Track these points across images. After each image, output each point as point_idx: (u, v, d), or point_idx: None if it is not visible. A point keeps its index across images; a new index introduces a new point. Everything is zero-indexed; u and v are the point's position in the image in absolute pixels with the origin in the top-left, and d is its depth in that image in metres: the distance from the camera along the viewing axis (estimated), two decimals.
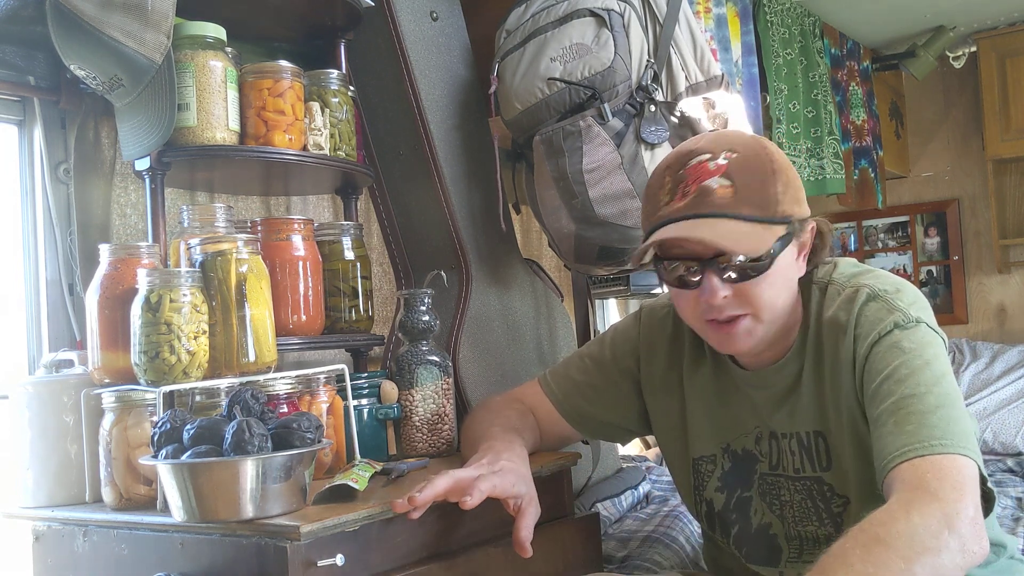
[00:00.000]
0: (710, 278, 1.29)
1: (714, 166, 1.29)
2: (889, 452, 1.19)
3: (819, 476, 1.38)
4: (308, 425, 1.26)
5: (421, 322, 1.75)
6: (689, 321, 1.40)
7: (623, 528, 2.10)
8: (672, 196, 1.30)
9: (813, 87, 3.29)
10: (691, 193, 1.28)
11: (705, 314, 1.33)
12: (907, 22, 3.59)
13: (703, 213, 1.27)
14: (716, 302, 1.29)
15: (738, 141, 1.33)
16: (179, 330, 1.37)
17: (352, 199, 1.94)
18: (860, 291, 1.34)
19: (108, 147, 1.80)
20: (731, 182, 1.27)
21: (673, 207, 1.29)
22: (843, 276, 1.39)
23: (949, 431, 1.17)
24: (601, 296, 2.97)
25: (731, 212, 1.26)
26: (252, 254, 1.46)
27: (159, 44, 1.47)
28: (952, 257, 4.18)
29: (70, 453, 1.49)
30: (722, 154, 1.30)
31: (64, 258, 1.77)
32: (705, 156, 1.30)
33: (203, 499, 1.21)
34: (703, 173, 1.29)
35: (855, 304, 1.33)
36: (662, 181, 1.34)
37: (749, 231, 1.27)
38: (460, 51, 2.15)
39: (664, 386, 1.54)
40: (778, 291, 1.32)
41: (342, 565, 1.23)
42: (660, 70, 1.92)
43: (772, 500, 1.43)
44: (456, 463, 1.70)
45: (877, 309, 1.31)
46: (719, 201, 1.27)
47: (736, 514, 1.47)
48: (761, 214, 1.28)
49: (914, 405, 1.21)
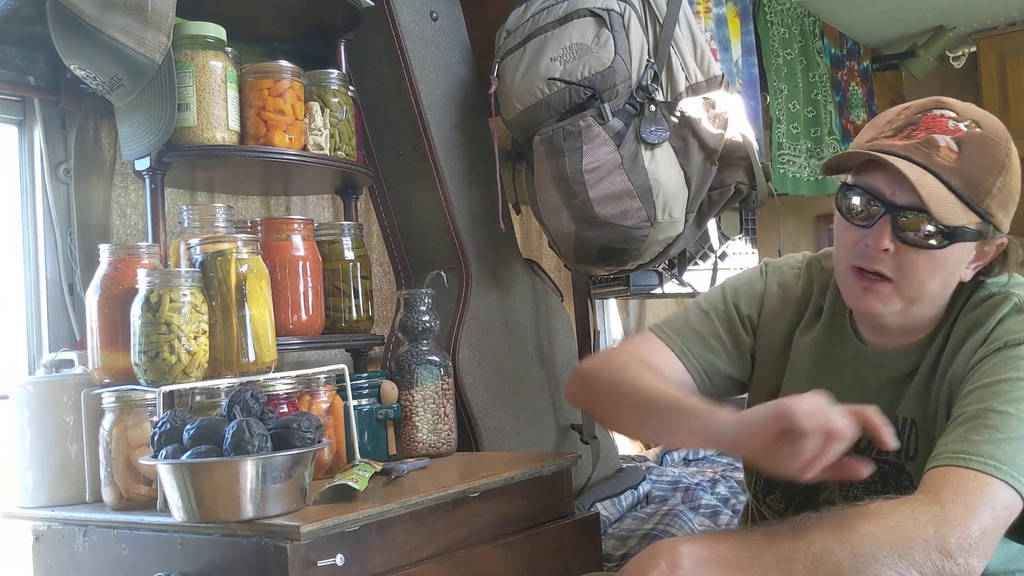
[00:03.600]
0: (884, 225, 1.22)
1: (953, 127, 1.23)
2: (948, 450, 1.15)
3: (902, 463, 1.33)
4: (308, 425, 1.26)
5: (421, 322, 1.75)
6: (838, 260, 1.32)
7: (623, 527, 2.10)
8: (897, 132, 1.25)
9: (813, 87, 3.29)
10: (917, 137, 1.23)
11: (858, 258, 1.26)
12: (907, 22, 3.59)
13: (918, 160, 1.21)
14: (877, 249, 1.23)
15: (988, 121, 1.27)
16: (179, 330, 1.37)
17: (352, 199, 1.94)
18: (1009, 299, 1.28)
19: (108, 147, 1.80)
20: (959, 149, 1.22)
21: (894, 141, 1.24)
22: (998, 283, 1.31)
23: (1013, 461, 1.12)
24: (601, 296, 2.97)
25: (944, 175, 1.20)
26: (252, 254, 1.46)
27: (159, 44, 1.47)
28: None
29: (70, 453, 1.49)
30: (967, 121, 1.24)
31: (64, 258, 1.77)
32: (951, 113, 1.25)
33: (203, 499, 1.21)
34: (938, 127, 1.23)
35: (999, 310, 1.27)
36: (895, 115, 1.28)
37: (951, 200, 1.20)
38: (460, 51, 2.15)
39: (774, 346, 1.46)
40: (934, 276, 1.25)
41: (342, 565, 1.23)
42: (660, 70, 1.92)
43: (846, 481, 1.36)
44: (456, 463, 1.70)
45: (1019, 321, 1.25)
46: (938, 159, 1.21)
47: (803, 485, 1.41)
48: (968, 194, 1.21)
49: (994, 420, 1.15)
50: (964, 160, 1.21)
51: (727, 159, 1.97)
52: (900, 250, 1.23)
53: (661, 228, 1.93)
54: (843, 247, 1.29)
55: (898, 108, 1.29)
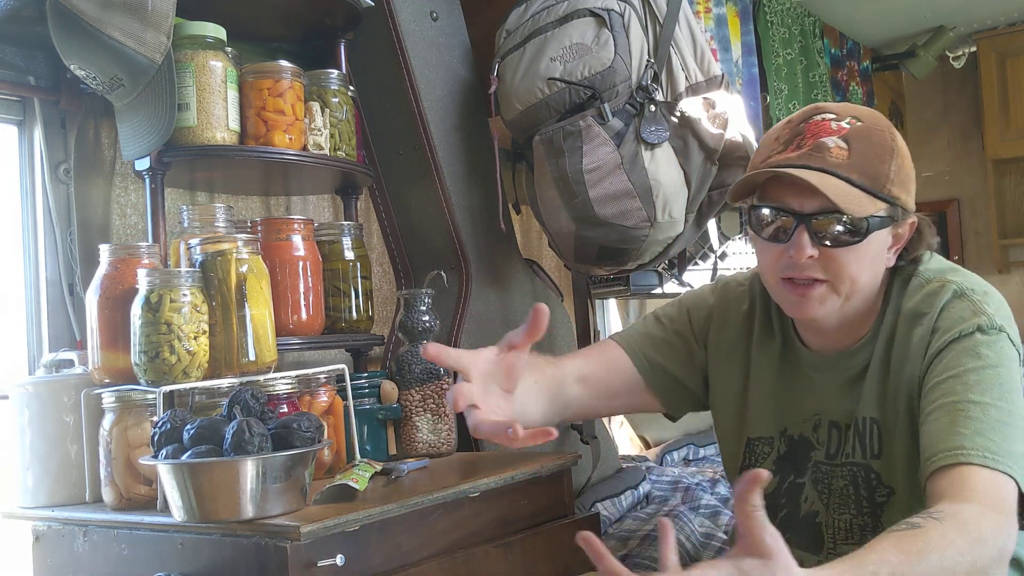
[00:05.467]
0: (801, 234, 1.27)
1: (836, 127, 1.28)
2: (942, 449, 1.17)
3: (868, 464, 1.35)
4: (308, 425, 1.26)
5: (421, 322, 1.75)
6: (767, 277, 1.36)
7: (623, 528, 2.10)
8: (786, 146, 1.29)
9: (813, 87, 3.29)
10: (806, 146, 1.27)
11: (785, 270, 1.30)
12: (907, 22, 3.59)
13: (814, 166, 1.25)
14: (801, 259, 1.27)
15: (866, 114, 1.32)
16: (179, 330, 1.37)
17: (352, 199, 1.94)
18: (947, 286, 1.32)
19: (108, 147, 1.80)
20: (848, 146, 1.26)
21: (785, 155, 1.28)
22: (930, 270, 1.36)
23: (1005, 449, 1.16)
24: (601, 296, 2.97)
25: (841, 173, 1.25)
26: (252, 254, 1.46)
27: (159, 44, 1.47)
28: (952, 257, 4.18)
29: (70, 453, 1.49)
30: (847, 118, 1.29)
31: (64, 258, 1.77)
32: (830, 115, 1.30)
33: (203, 499, 1.21)
34: (823, 130, 1.28)
35: (940, 298, 1.31)
36: (780, 132, 1.32)
37: (855, 195, 1.25)
38: (460, 51, 2.15)
39: (730, 360, 1.50)
40: (862, 267, 1.29)
41: (342, 565, 1.23)
42: (660, 70, 1.92)
43: (823, 488, 1.40)
44: (456, 463, 1.70)
45: (962, 308, 1.29)
46: (832, 159, 1.25)
47: (786, 499, 1.43)
48: (869, 184, 1.26)
49: (975, 411, 1.19)
50: (855, 154, 1.26)
51: (727, 159, 1.97)
52: (823, 253, 1.27)
53: (661, 228, 1.93)
54: (768, 264, 1.34)
55: (781, 124, 1.34)
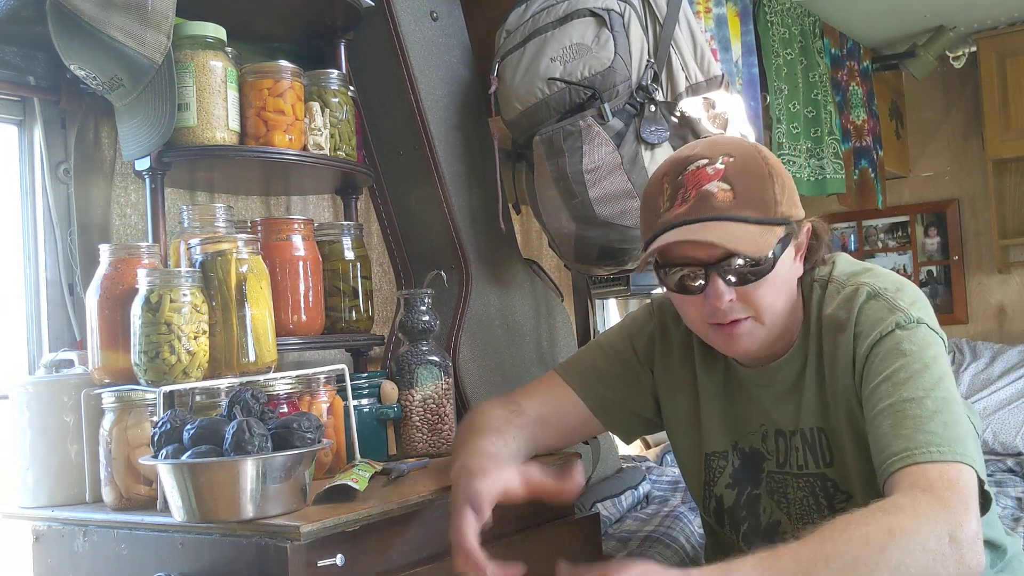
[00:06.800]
0: (715, 282, 1.30)
1: (712, 171, 1.30)
2: (891, 454, 1.20)
3: (822, 472, 1.39)
4: (308, 425, 1.26)
5: (421, 322, 1.75)
6: (692, 325, 1.41)
7: (623, 528, 2.10)
8: (672, 202, 1.31)
9: (813, 87, 3.29)
10: (691, 198, 1.29)
11: (709, 318, 1.34)
12: (907, 22, 3.59)
13: (705, 217, 1.28)
14: (722, 305, 1.30)
15: (733, 145, 1.35)
16: (179, 330, 1.37)
17: (352, 199, 1.94)
18: (860, 289, 1.35)
19: (108, 147, 1.80)
20: (730, 185, 1.28)
21: (674, 212, 1.30)
22: (843, 274, 1.40)
23: (947, 437, 1.18)
24: (601, 296, 2.97)
25: (733, 215, 1.27)
26: (252, 254, 1.46)
27: (159, 44, 1.47)
28: (952, 257, 4.18)
29: (70, 453, 1.49)
30: (719, 159, 1.31)
31: (64, 258, 1.77)
32: (703, 161, 1.32)
33: (203, 499, 1.21)
34: (702, 178, 1.30)
35: (855, 302, 1.34)
36: (660, 188, 1.34)
37: (753, 232, 1.28)
38: (460, 51, 2.15)
39: (677, 381, 1.54)
40: (779, 293, 1.33)
41: (342, 565, 1.23)
42: (660, 70, 1.92)
43: (780, 498, 1.44)
44: None
45: (878, 308, 1.32)
46: (720, 204, 1.28)
47: (746, 511, 1.47)
48: (762, 215, 1.29)
49: (912, 409, 1.21)
50: (740, 191, 1.29)
51: None
52: (739, 293, 1.31)
53: None
54: (692, 315, 1.38)
55: (656, 180, 1.37)
